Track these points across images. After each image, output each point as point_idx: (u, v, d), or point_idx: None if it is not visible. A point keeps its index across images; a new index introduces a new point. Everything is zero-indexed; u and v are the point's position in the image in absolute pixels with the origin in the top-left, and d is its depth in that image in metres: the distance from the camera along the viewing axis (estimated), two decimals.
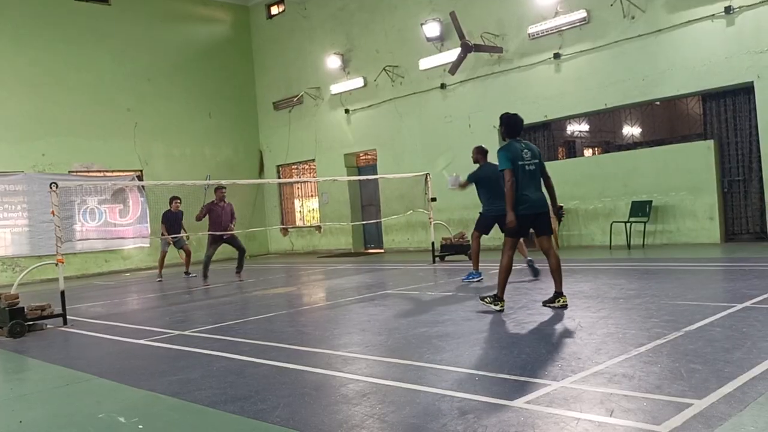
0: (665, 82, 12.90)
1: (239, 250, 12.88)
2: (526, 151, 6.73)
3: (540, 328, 5.79)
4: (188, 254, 14.76)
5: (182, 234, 14.51)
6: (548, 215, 6.78)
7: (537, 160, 6.76)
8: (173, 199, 14.45)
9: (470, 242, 13.76)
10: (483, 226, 9.45)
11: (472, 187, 9.52)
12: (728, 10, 11.91)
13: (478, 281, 9.40)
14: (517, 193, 6.59)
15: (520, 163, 6.63)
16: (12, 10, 17.32)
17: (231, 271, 15.06)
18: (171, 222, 14.32)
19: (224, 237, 12.54)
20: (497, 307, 6.77)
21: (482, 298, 7.04)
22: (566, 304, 6.67)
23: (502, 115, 7.00)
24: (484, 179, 9.14)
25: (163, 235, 14.24)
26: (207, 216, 12.50)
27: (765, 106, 11.76)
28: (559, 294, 6.72)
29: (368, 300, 8.68)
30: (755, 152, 12.18)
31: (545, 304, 6.80)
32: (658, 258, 11.00)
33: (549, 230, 6.85)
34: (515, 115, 6.96)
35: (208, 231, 12.39)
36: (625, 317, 6.04)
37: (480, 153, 9.49)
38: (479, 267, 9.64)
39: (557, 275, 6.78)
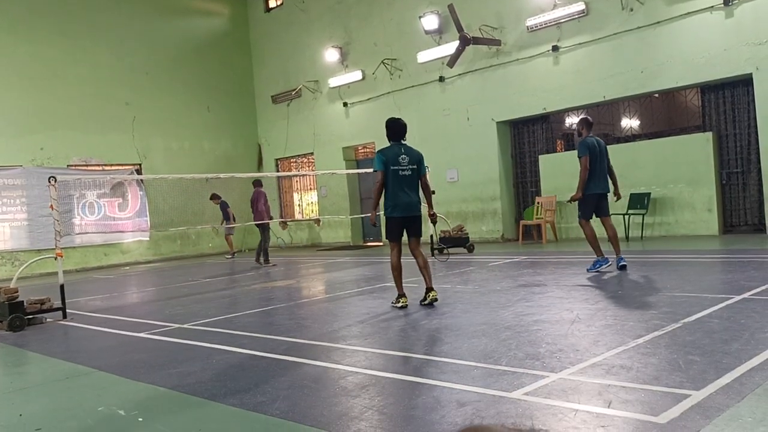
0: (664, 75, 12.89)
1: (262, 239, 14.44)
2: (404, 156, 6.96)
3: (538, 320, 5.81)
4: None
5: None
6: (420, 219, 7.17)
7: (414, 166, 7.02)
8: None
9: (468, 235, 13.83)
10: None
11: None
12: (727, 1, 11.88)
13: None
14: (388, 196, 6.97)
15: (393, 167, 6.89)
16: (10, 4, 17.26)
17: (226, 264, 15.09)
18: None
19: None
20: (399, 305, 7.08)
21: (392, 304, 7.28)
22: (436, 298, 7.05)
23: (387, 120, 7.27)
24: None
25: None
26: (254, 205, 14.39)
27: (763, 98, 11.75)
28: (429, 289, 7.08)
29: (367, 293, 8.70)
30: (754, 144, 12.19)
31: (422, 303, 7.10)
32: (657, 250, 11.02)
33: (419, 233, 7.25)
34: (398, 119, 7.20)
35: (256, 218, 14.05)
36: (623, 309, 6.06)
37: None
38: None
39: (425, 273, 7.11)
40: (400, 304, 7.07)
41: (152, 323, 7.54)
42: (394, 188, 6.91)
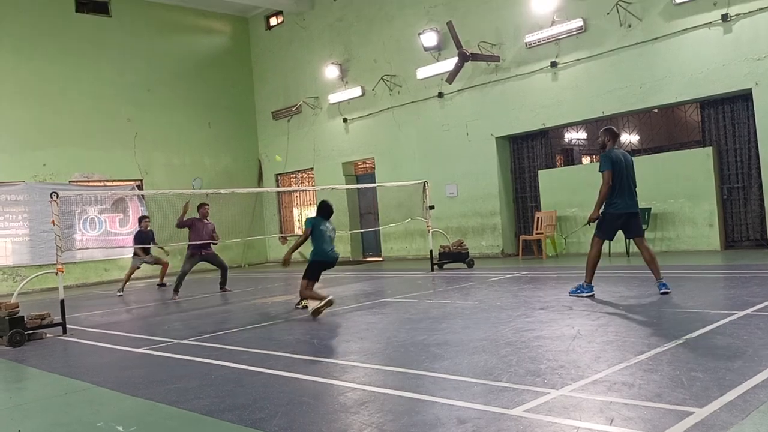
0: (663, 90, 12.93)
1: (221, 267, 12.66)
2: (332, 230, 8.88)
3: (539, 335, 5.78)
4: (164, 266, 14.61)
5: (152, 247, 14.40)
6: (334, 264, 8.93)
7: (334, 234, 8.92)
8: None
9: (468, 250, 13.80)
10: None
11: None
12: (725, 17, 11.95)
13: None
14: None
15: (322, 227, 8.70)
16: (13, 22, 17.40)
17: (243, 276, 15.04)
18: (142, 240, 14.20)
19: (203, 254, 12.34)
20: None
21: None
22: (306, 306, 8.78)
23: (320, 201, 9.00)
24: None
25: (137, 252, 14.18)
26: (188, 230, 12.28)
27: (763, 112, 11.78)
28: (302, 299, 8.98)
29: (367, 308, 8.67)
30: (754, 159, 12.20)
31: (296, 306, 9.18)
32: (659, 264, 10.96)
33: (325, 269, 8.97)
34: (327, 205, 8.86)
35: (189, 245, 12.20)
36: (625, 325, 6.03)
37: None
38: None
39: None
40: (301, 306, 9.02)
41: (151, 338, 7.51)
42: (324, 243, 8.65)
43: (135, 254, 14.29)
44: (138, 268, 14.45)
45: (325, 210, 8.92)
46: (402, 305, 8.60)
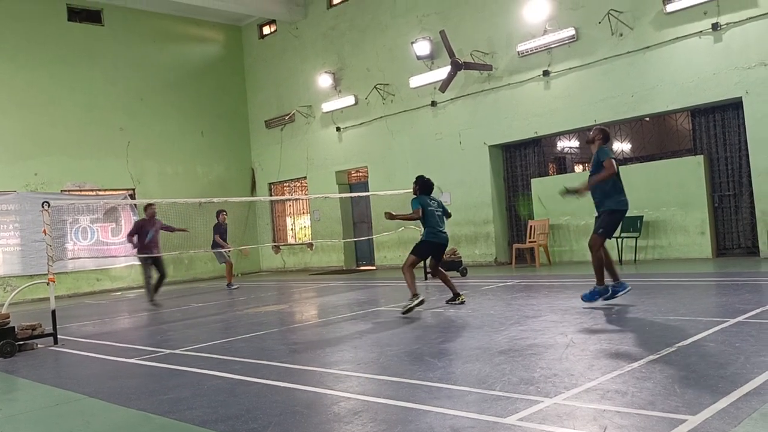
0: (654, 98, 13.01)
1: (161, 275, 12.49)
2: (438, 205, 8.85)
3: (532, 344, 5.78)
4: (230, 266, 15.27)
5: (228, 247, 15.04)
6: (445, 247, 9.11)
7: (442, 212, 9.01)
8: (220, 212, 14.99)
9: (461, 258, 13.79)
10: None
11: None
12: (715, 26, 12.04)
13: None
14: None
15: (430, 207, 8.73)
16: (5, 31, 17.37)
17: (219, 290, 15.00)
18: (223, 234, 14.92)
19: (150, 259, 12.25)
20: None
21: None
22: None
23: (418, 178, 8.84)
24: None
25: (222, 247, 14.73)
26: (137, 237, 12.25)
27: (753, 121, 11.86)
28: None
29: (360, 317, 8.65)
30: (745, 167, 12.27)
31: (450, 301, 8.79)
32: (650, 273, 11.02)
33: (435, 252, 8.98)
34: (425, 180, 8.76)
35: (140, 251, 12.16)
36: (618, 333, 6.04)
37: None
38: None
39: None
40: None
41: (143, 349, 7.47)
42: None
43: (219, 250, 14.87)
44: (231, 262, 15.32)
45: (426, 186, 8.74)
46: (395, 314, 8.59)
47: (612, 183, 7.55)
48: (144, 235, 12.26)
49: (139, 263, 12.43)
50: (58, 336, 8.46)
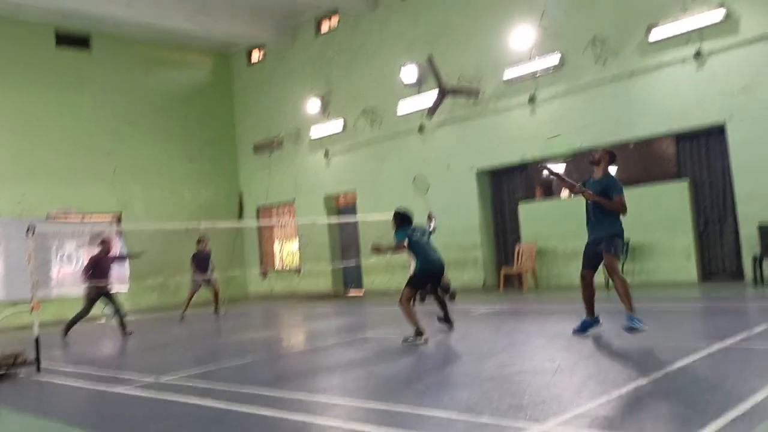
0: (639, 124, 13.15)
1: (117, 311, 12.00)
2: (423, 232, 8.70)
3: (520, 370, 5.77)
4: (216, 293, 14.92)
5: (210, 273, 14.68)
6: (441, 273, 8.72)
7: (428, 238, 8.79)
8: (200, 240, 14.63)
9: (450, 284, 13.75)
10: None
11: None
12: (698, 53, 12.22)
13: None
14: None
15: (415, 238, 8.43)
16: None
17: (207, 316, 14.87)
18: (200, 262, 14.55)
19: (101, 293, 11.83)
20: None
21: None
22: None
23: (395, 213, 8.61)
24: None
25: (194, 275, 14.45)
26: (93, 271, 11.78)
27: (737, 146, 12.00)
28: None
29: (348, 344, 8.60)
30: (729, 191, 12.38)
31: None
32: (637, 297, 10.92)
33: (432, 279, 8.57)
34: (402, 214, 8.59)
35: (93, 284, 11.68)
36: (606, 358, 6.04)
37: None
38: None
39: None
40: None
41: (128, 377, 7.37)
42: None
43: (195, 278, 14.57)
44: (195, 291, 14.79)
45: (405, 219, 8.61)
46: (383, 340, 8.55)
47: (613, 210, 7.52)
48: (102, 271, 11.77)
49: (88, 296, 11.90)
50: (42, 364, 8.33)
